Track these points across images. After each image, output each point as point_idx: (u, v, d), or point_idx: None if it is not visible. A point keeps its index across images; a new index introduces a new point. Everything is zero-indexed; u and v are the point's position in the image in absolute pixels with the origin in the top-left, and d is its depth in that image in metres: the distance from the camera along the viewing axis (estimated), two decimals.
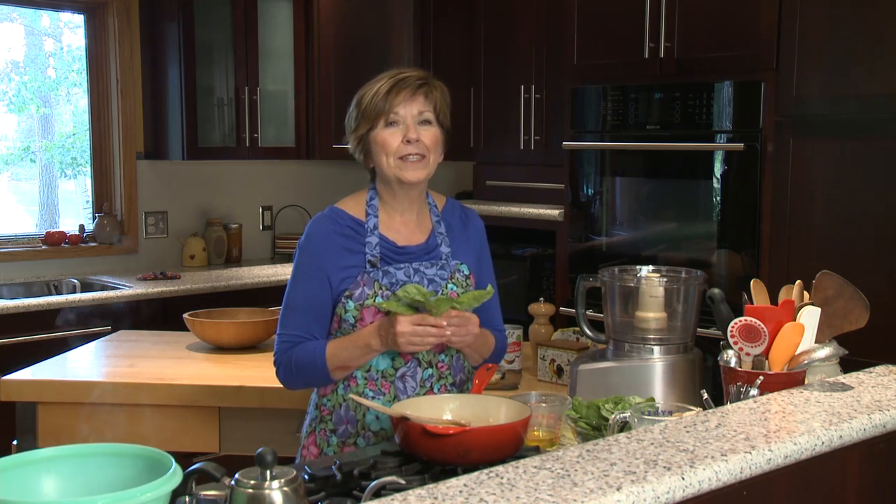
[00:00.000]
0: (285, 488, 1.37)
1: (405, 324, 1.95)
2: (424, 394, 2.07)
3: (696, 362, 2.32)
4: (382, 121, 2.05)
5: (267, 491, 1.37)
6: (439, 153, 2.11)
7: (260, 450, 1.39)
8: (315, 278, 2.07)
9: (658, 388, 2.25)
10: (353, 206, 2.14)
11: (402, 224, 2.14)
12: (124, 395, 2.75)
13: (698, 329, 2.38)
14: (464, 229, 2.22)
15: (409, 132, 2.05)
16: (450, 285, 2.10)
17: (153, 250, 4.77)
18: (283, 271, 4.61)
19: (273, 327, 3.20)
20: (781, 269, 3.23)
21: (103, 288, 4.24)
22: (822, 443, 1.62)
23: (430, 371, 2.09)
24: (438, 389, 2.10)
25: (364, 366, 2.06)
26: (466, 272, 2.15)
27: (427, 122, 2.07)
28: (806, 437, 1.60)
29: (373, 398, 2.05)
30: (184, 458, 1.60)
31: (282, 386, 2.15)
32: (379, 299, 2.03)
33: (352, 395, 2.02)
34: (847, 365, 2.15)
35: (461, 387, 2.16)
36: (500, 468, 1.42)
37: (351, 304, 2.05)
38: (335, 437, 2.09)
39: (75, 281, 4.40)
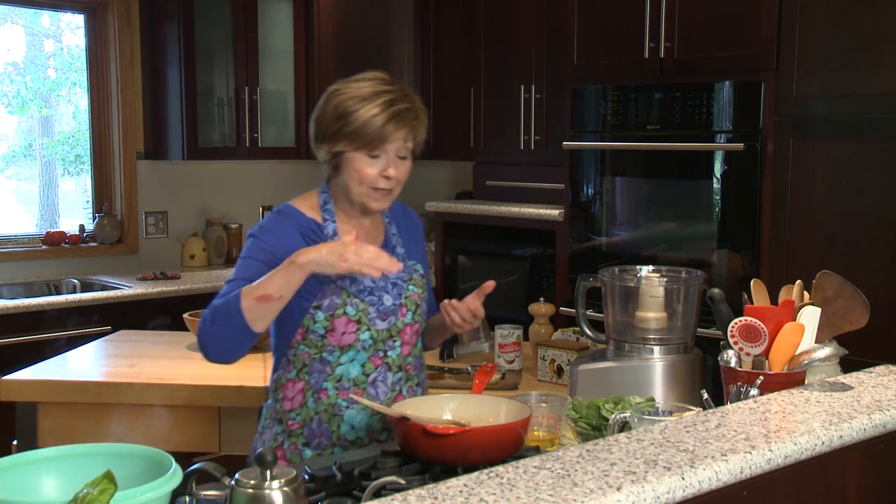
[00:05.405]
0: (285, 488, 1.37)
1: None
2: (394, 398, 2.07)
3: (696, 362, 2.32)
4: (367, 150, 2.00)
5: (267, 491, 1.37)
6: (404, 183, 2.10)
7: (260, 450, 1.39)
8: (269, 265, 1.96)
9: (658, 388, 2.25)
10: (308, 208, 2.10)
11: (358, 227, 2.11)
12: (124, 395, 2.75)
13: (698, 329, 2.38)
14: (408, 225, 2.23)
15: (388, 168, 2.01)
16: (410, 286, 2.11)
17: (153, 250, 4.77)
18: None
19: None
20: (781, 269, 3.22)
21: (103, 288, 4.24)
22: (822, 443, 1.62)
23: (399, 374, 2.09)
24: (406, 391, 2.11)
25: (335, 375, 2.03)
26: (421, 271, 2.16)
27: (404, 157, 2.04)
28: (806, 437, 1.60)
29: (346, 408, 2.03)
30: (184, 458, 1.59)
31: None
32: (350, 309, 2.01)
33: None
34: (847, 365, 2.15)
35: (423, 385, 2.19)
36: (500, 468, 1.42)
37: (321, 315, 2.01)
38: (309, 451, 2.05)
39: (75, 281, 4.40)
